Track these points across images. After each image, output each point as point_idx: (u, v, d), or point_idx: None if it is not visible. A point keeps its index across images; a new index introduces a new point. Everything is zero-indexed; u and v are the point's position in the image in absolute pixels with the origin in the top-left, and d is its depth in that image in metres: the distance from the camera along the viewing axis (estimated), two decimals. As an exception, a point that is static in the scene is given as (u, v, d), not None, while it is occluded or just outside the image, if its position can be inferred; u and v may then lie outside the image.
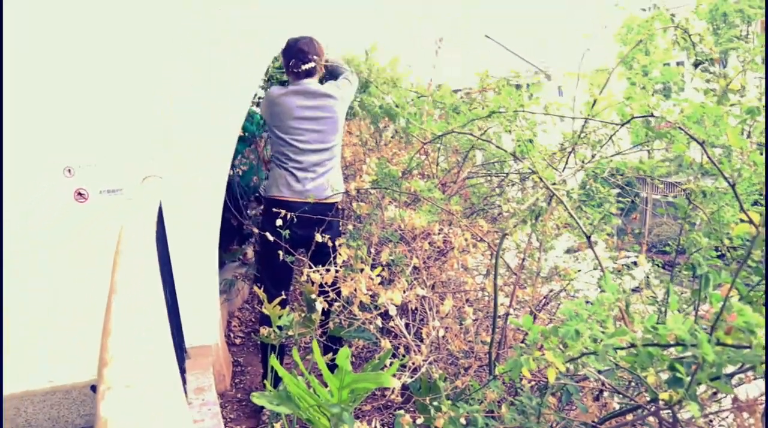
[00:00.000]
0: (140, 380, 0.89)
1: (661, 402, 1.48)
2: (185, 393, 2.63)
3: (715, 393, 1.90)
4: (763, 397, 1.62)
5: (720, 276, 1.39)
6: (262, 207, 3.50)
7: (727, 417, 1.82)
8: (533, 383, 1.88)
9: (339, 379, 1.58)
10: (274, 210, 2.81)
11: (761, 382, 1.90)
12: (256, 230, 3.89)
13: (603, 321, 1.28)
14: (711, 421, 1.91)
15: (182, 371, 2.78)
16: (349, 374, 1.57)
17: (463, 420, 1.64)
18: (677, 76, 2.61)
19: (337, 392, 1.60)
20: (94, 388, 1.92)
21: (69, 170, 2.74)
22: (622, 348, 1.27)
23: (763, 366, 1.17)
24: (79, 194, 2.77)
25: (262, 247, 3.13)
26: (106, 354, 0.99)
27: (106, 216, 2.82)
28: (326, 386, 1.70)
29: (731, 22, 3.55)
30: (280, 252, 2.72)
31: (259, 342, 3.37)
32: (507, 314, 2.22)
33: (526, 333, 2.21)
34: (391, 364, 1.76)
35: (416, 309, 2.65)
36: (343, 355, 1.57)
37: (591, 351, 1.31)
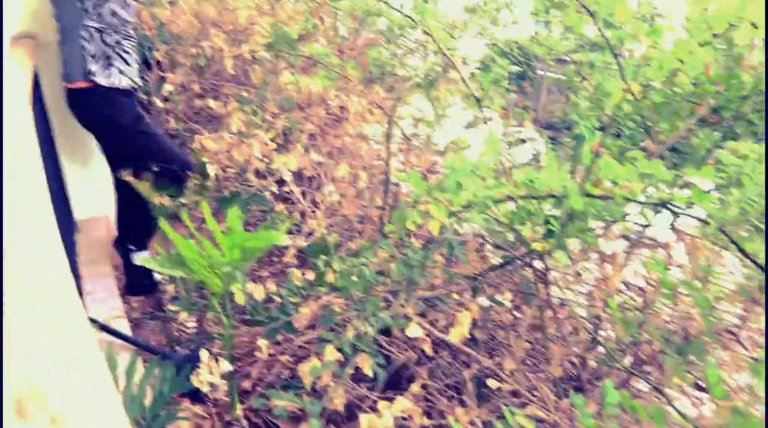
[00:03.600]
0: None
1: (535, 255, 1.61)
2: (76, 265, 2.58)
3: (585, 251, 2.08)
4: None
5: (592, 135, 1.47)
6: None
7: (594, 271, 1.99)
8: (421, 242, 1.97)
9: (230, 239, 1.58)
10: None
11: (622, 242, 2.09)
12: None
13: (484, 176, 1.34)
14: (580, 274, 2.10)
15: (71, 244, 2.70)
16: (239, 233, 1.58)
17: (355, 278, 1.71)
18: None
19: (228, 252, 1.62)
20: None
21: None
22: (501, 201, 1.34)
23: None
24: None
25: None
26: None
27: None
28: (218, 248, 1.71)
29: None
30: None
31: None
32: (398, 179, 2.27)
33: (416, 202, 2.29)
34: (298, 229, 1.78)
35: (312, 177, 2.66)
36: (234, 215, 1.57)
37: (470, 203, 1.38)
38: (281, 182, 2.51)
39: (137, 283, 2.74)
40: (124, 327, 2.50)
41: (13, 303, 0.70)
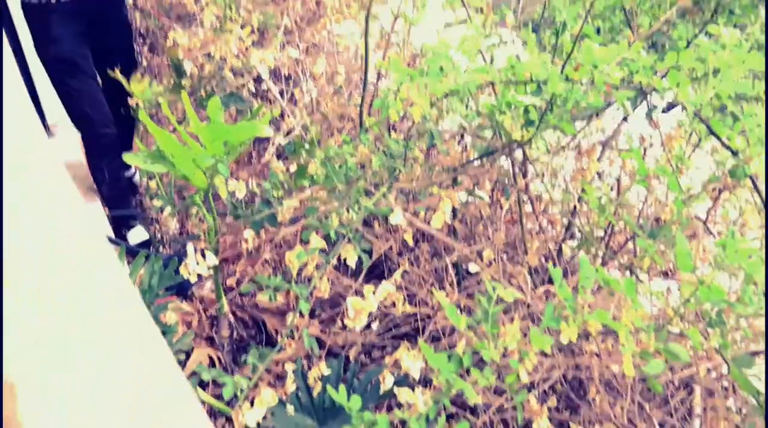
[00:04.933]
0: None
1: (514, 145, 1.63)
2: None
3: (563, 148, 2.11)
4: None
5: (575, 22, 1.46)
6: None
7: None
8: (401, 136, 1.98)
9: (211, 131, 1.58)
10: None
11: (598, 137, 2.12)
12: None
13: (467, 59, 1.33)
14: (557, 169, 2.13)
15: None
16: (221, 125, 1.57)
17: (337, 168, 1.73)
18: None
19: (210, 145, 1.61)
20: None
21: None
22: (481, 88, 1.35)
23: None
24: None
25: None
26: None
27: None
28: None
29: None
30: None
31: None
32: (379, 75, 2.25)
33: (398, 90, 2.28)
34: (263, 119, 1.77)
35: (290, 75, 2.62)
36: (214, 106, 1.55)
37: (451, 91, 1.38)
38: (258, 80, 2.47)
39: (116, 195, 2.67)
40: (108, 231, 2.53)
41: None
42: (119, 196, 2.60)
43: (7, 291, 0.69)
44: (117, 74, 2.28)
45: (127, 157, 1.78)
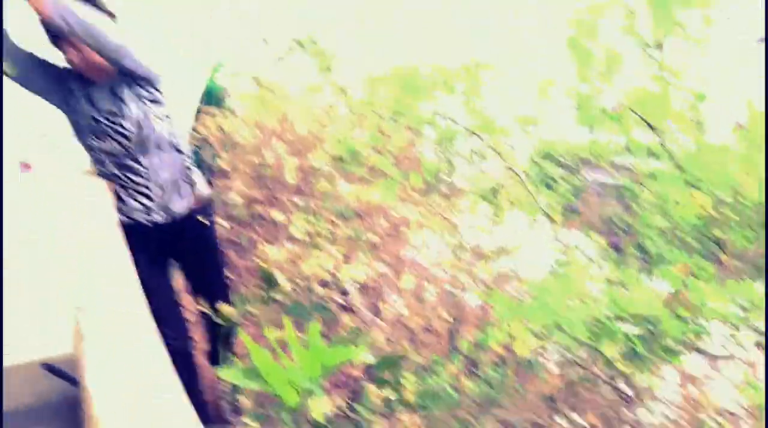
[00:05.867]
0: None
1: (617, 374, 1.57)
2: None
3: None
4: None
5: (675, 255, 1.47)
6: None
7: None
8: (492, 358, 1.95)
9: (310, 354, 1.59)
10: None
11: (698, 357, 2.04)
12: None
13: (569, 297, 1.34)
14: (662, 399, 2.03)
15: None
16: (320, 348, 1.59)
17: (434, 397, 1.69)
18: (618, 59, 2.70)
19: (307, 366, 1.62)
20: (47, 366, 1.88)
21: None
22: (589, 324, 1.34)
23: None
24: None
25: None
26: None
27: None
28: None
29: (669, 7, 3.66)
30: None
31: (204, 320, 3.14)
32: (464, 289, 2.28)
33: (486, 310, 2.29)
34: (356, 339, 1.79)
35: (374, 287, 2.68)
36: (314, 330, 1.58)
37: (556, 325, 1.38)
38: (344, 292, 2.53)
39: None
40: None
41: None
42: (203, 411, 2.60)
43: None
44: (204, 304, 2.39)
45: (222, 373, 1.80)
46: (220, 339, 2.64)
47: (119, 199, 2.33)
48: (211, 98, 4.33)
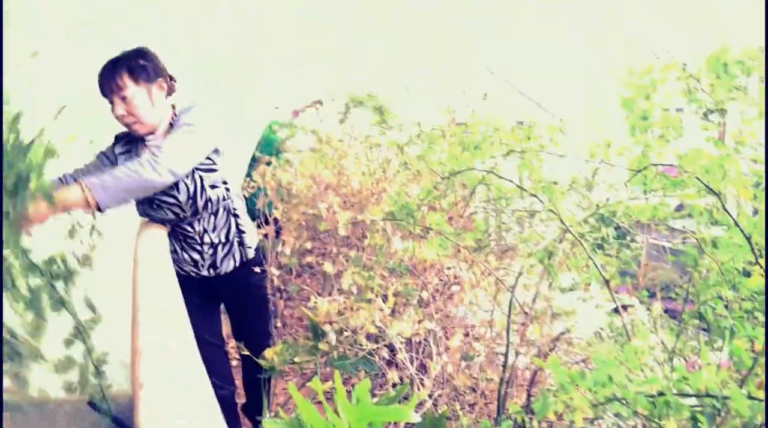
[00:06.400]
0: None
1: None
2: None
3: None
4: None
5: (744, 329, 1.40)
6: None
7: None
8: (544, 424, 1.88)
9: (359, 411, 1.56)
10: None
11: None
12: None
13: (633, 368, 1.29)
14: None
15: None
16: (368, 406, 1.56)
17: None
18: (677, 123, 2.66)
19: (354, 423, 1.59)
20: (92, 405, 1.90)
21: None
22: (652, 396, 1.28)
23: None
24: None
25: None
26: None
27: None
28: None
29: (731, 73, 3.62)
30: None
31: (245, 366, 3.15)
32: (517, 352, 2.22)
33: (535, 373, 2.22)
34: (405, 397, 1.75)
35: (420, 342, 2.64)
36: (364, 387, 1.56)
37: (617, 397, 1.32)
38: (391, 347, 2.50)
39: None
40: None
41: None
42: None
43: None
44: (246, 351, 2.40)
45: (267, 424, 1.78)
46: (263, 386, 2.63)
47: (174, 250, 2.42)
48: (269, 148, 4.44)
